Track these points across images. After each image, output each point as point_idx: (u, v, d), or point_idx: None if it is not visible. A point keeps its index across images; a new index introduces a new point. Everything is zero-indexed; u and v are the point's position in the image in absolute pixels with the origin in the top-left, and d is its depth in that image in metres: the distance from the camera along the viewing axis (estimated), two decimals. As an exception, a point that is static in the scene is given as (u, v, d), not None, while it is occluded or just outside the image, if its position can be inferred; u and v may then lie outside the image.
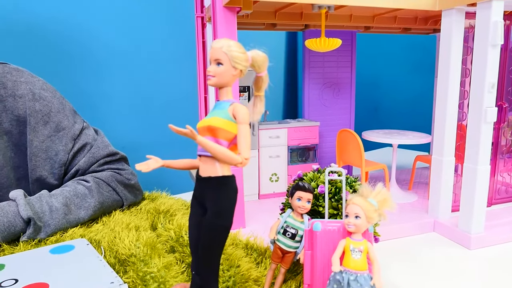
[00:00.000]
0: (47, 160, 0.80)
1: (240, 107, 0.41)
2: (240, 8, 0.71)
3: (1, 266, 0.56)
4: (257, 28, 0.99)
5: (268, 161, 0.95)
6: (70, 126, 0.81)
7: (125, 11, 1.21)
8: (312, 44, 0.80)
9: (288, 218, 0.54)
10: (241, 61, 0.42)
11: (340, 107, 1.10)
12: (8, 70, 0.78)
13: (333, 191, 0.57)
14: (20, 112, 0.78)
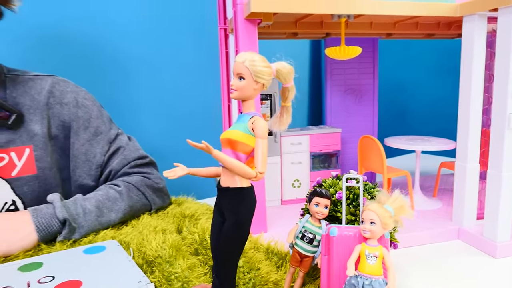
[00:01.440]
0: (86, 162, 0.87)
1: (259, 121, 0.43)
2: (260, 20, 0.74)
3: (40, 264, 0.61)
4: (278, 37, 1.01)
5: (290, 167, 0.97)
6: (106, 131, 0.89)
7: (151, 24, 1.27)
8: (332, 53, 0.81)
9: (306, 223, 0.55)
10: (263, 75, 0.43)
11: (363, 113, 1.10)
12: (56, 81, 0.87)
13: (351, 197, 0.58)
14: (65, 118, 0.86)
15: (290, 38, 1.02)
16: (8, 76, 0.82)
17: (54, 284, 0.54)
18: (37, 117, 0.82)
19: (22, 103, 0.82)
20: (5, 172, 0.80)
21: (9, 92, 0.81)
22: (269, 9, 0.68)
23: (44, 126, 0.83)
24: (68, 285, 0.54)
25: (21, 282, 0.55)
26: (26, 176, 0.82)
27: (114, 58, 1.23)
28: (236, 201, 0.44)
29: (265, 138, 0.43)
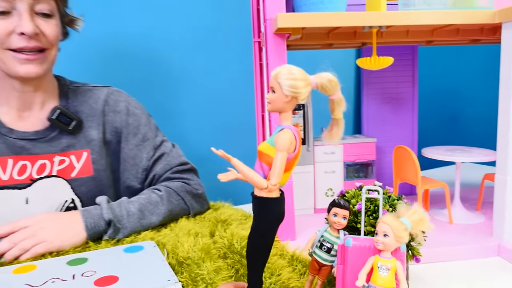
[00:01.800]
0: (133, 165, 0.95)
1: (282, 133, 0.43)
2: (289, 34, 0.76)
3: (85, 259, 0.68)
4: (313, 48, 1.03)
5: (323, 177, 0.97)
6: (153, 138, 0.97)
7: (199, 39, 1.36)
8: (363, 63, 0.81)
9: (325, 232, 0.57)
10: (291, 88, 0.43)
11: (401, 122, 1.08)
12: (111, 91, 0.96)
13: (371, 208, 0.59)
14: (117, 124, 0.95)
15: (325, 48, 1.03)
16: (70, 87, 0.93)
17: (95, 278, 0.61)
18: (94, 124, 0.92)
19: (81, 111, 0.92)
20: (65, 173, 0.90)
21: (70, 102, 0.91)
22: (295, 25, 0.70)
23: (99, 132, 0.93)
24: (106, 279, 0.60)
25: (68, 274, 0.62)
26: (83, 177, 0.92)
27: (164, 70, 1.34)
28: (258, 209, 0.46)
29: (284, 151, 0.43)
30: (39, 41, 0.79)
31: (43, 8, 0.79)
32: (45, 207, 0.89)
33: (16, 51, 0.78)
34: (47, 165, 0.88)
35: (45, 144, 0.87)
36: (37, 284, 0.59)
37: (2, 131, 0.84)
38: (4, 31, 0.76)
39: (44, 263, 0.68)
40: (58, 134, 0.89)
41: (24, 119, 0.87)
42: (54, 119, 0.86)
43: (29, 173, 0.86)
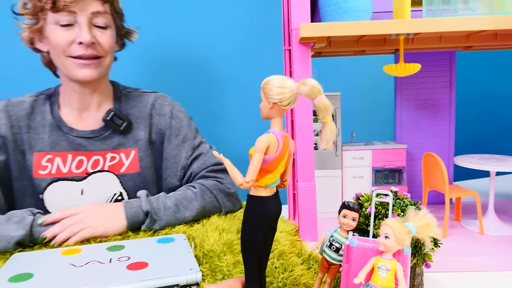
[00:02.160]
0: (174, 164, 1.04)
1: (261, 137, 0.47)
2: (314, 42, 0.79)
3: (122, 246, 0.76)
4: (346, 54, 1.05)
5: (351, 181, 0.99)
6: (192, 139, 1.05)
7: (243, 48, 1.46)
8: (390, 70, 0.82)
9: (335, 233, 0.59)
10: (271, 95, 0.46)
11: (437, 129, 1.05)
12: (158, 96, 1.06)
13: (382, 212, 0.60)
14: (162, 126, 1.04)
15: (358, 55, 1.05)
16: (123, 92, 1.05)
17: (128, 263, 0.68)
18: (142, 125, 1.03)
19: (131, 113, 1.03)
20: (116, 168, 1.01)
21: (123, 105, 1.03)
22: (317, 34, 0.74)
23: (146, 132, 1.03)
24: (137, 264, 0.68)
25: (106, 258, 0.70)
26: (131, 173, 1.02)
27: (206, 76, 1.45)
28: (246, 206, 0.50)
29: (258, 152, 0.46)
30: (95, 50, 0.91)
31: (100, 21, 0.91)
32: (97, 198, 1.00)
33: (76, 57, 0.90)
34: (101, 160, 1.00)
35: (99, 142, 0.99)
36: (79, 265, 0.68)
37: (64, 130, 0.97)
38: (67, 40, 0.89)
39: (88, 247, 0.77)
40: (111, 134, 1.00)
41: (82, 120, 1.00)
42: (108, 120, 0.98)
43: (85, 167, 0.99)
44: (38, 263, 0.70)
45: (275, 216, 0.52)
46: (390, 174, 0.99)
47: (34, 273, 0.65)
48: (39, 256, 0.73)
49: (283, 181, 0.54)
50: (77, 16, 0.88)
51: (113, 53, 0.98)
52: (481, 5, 0.73)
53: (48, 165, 0.97)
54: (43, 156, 0.97)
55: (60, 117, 0.98)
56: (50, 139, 0.97)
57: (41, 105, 0.99)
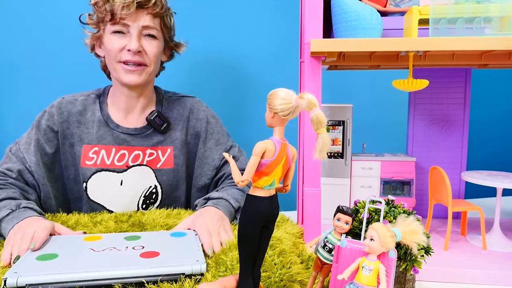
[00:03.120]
0: (206, 164, 1.16)
1: (259, 143, 0.52)
2: (325, 56, 0.84)
3: (139, 237, 0.83)
4: (361, 68, 1.09)
5: (359, 191, 1.02)
6: (224, 142, 1.17)
7: (276, 55, 1.55)
8: (399, 85, 0.85)
9: (329, 234, 0.64)
10: (273, 106, 0.51)
11: (449, 145, 1.07)
12: (195, 101, 1.19)
13: (376, 218, 0.64)
14: (198, 129, 1.16)
15: (373, 69, 1.08)
16: (164, 96, 1.18)
17: (141, 251, 0.75)
18: (179, 127, 1.15)
19: (171, 115, 1.15)
20: (153, 163, 1.13)
21: (164, 108, 1.16)
22: (326, 49, 0.78)
23: (183, 133, 1.15)
24: (150, 253, 0.74)
25: (122, 246, 0.78)
26: (166, 168, 1.14)
27: (237, 83, 1.57)
28: (244, 203, 0.56)
29: (254, 156, 0.51)
30: (141, 57, 1.04)
31: (149, 33, 1.04)
32: (134, 190, 1.13)
33: (124, 63, 1.03)
34: (140, 155, 1.12)
35: (141, 139, 1.12)
36: (98, 250, 0.76)
37: (111, 126, 1.10)
38: (118, 46, 1.02)
39: (107, 236, 0.85)
40: (151, 132, 1.12)
41: (128, 119, 1.12)
42: (152, 120, 1.11)
43: (126, 160, 1.11)
44: (62, 246, 0.78)
45: (270, 216, 0.56)
46: (399, 185, 1.01)
47: (58, 254, 0.74)
48: (63, 240, 0.82)
49: (285, 185, 0.59)
50: (129, 27, 1.01)
51: (158, 62, 1.10)
52: (488, 25, 0.76)
53: (94, 156, 1.09)
54: (90, 148, 1.09)
55: (108, 114, 1.11)
56: (97, 134, 1.09)
57: (91, 103, 1.12)
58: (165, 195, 1.16)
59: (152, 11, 1.02)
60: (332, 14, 0.85)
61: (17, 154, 1.04)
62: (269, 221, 0.57)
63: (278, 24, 1.55)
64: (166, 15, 1.07)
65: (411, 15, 0.79)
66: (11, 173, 1.00)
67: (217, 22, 1.54)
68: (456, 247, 0.87)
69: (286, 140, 0.55)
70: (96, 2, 1.00)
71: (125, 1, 0.97)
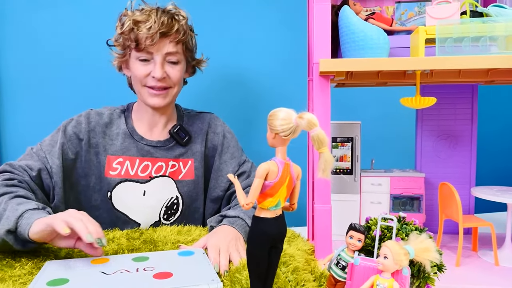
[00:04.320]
0: (220, 176, 1.20)
1: (261, 164, 0.52)
2: (333, 75, 0.86)
3: (147, 258, 0.81)
4: (369, 85, 1.10)
5: (369, 207, 1.02)
6: (238, 157, 1.22)
7: (286, 72, 1.58)
8: (406, 102, 0.87)
9: (342, 252, 0.64)
10: (273, 126, 0.51)
11: (458, 160, 1.07)
12: (213, 117, 1.25)
13: (388, 235, 0.65)
14: (214, 143, 1.22)
15: (380, 86, 1.10)
16: (184, 112, 1.24)
17: (154, 272, 0.74)
18: (199, 140, 1.20)
19: (191, 130, 1.20)
20: (175, 175, 1.18)
21: (184, 123, 1.21)
22: (335, 69, 0.80)
23: (202, 146, 1.20)
24: (163, 274, 0.73)
25: (132, 268, 0.76)
26: (187, 180, 1.19)
27: (256, 98, 1.61)
28: (251, 225, 0.56)
29: (257, 178, 0.52)
30: (165, 82, 1.10)
31: (172, 59, 1.10)
32: (157, 200, 1.16)
33: (149, 87, 1.10)
34: (163, 166, 1.16)
35: (164, 151, 1.16)
36: (109, 273, 0.73)
37: (136, 138, 1.16)
38: (144, 73, 1.08)
39: (114, 258, 0.82)
40: (174, 145, 1.17)
41: (152, 132, 1.18)
42: (174, 133, 1.16)
43: (150, 171, 1.15)
44: (71, 270, 0.75)
45: (277, 236, 0.56)
46: (408, 201, 1.01)
47: (69, 279, 0.71)
48: (71, 264, 0.79)
49: (291, 204, 0.59)
50: (153, 54, 1.07)
51: (181, 83, 1.17)
52: (494, 44, 0.77)
53: (118, 167, 1.14)
54: (114, 159, 1.14)
55: (133, 127, 1.17)
56: (122, 145, 1.14)
57: (117, 118, 1.17)
58: (185, 206, 1.19)
59: (174, 39, 1.07)
60: (340, 34, 0.88)
61: (39, 153, 1.06)
62: (277, 241, 0.57)
63: (287, 40, 1.59)
64: (189, 39, 1.13)
65: (417, 35, 0.81)
66: (31, 171, 1.01)
67: (224, 39, 1.57)
68: (468, 263, 0.87)
69: (289, 159, 0.55)
70: (122, 32, 1.07)
71: (149, 32, 1.02)
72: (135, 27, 1.04)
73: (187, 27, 1.11)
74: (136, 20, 1.04)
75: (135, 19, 1.04)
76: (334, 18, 0.91)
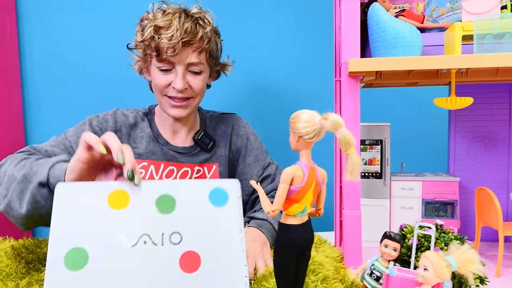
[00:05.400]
0: (244, 180, 1.15)
1: (286, 169, 0.51)
2: (363, 75, 0.83)
3: (173, 201, 0.59)
4: (398, 85, 1.06)
5: (400, 212, 0.98)
6: (263, 159, 1.18)
7: (306, 77, 1.54)
8: (441, 103, 0.83)
9: (376, 262, 0.61)
10: (295, 129, 0.50)
11: (494, 163, 1.02)
12: (236, 118, 1.21)
13: (425, 245, 0.61)
14: (238, 145, 1.18)
15: (410, 86, 1.06)
16: (207, 116, 1.20)
17: (180, 252, 0.56)
18: (223, 143, 1.17)
19: (215, 133, 1.17)
20: None
21: (207, 127, 1.18)
22: (366, 69, 0.77)
23: (226, 149, 1.16)
24: (190, 259, 0.56)
25: (157, 231, 0.57)
26: None
27: (272, 101, 1.59)
28: (277, 232, 0.54)
29: (283, 183, 0.50)
30: (187, 93, 1.05)
31: (195, 69, 1.04)
32: None
33: (169, 97, 1.05)
34: (189, 172, 1.13)
35: (189, 157, 1.13)
36: (131, 243, 0.56)
37: (161, 142, 1.13)
38: (165, 83, 1.03)
39: (136, 197, 0.58)
40: (199, 151, 1.14)
41: (176, 138, 1.15)
42: (199, 139, 1.13)
43: (175, 176, 1.12)
44: (87, 220, 0.57)
45: (305, 243, 0.54)
46: (442, 207, 0.97)
47: (87, 250, 0.55)
48: (86, 205, 0.58)
49: (317, 210, 0.57)
50: (175, 65, 1.01)
51: (204, 92, 1.11)
52: (537, 40, 0.72)
53: (143, 171, 1.10)
54: (139, 162, 1.09)
55: (159, 131, 1.13)
56: (147, 149, 1.11)
57: (141, 120, 1.13)
58: None
59: (198, 48, 1.00)
60: (370, 33, 0.84)
61: (64, 142, 1.01)
62: (305, 248, 0.55)
63: (307, 41, 1.57)
64: (213, 46, 1.06)
65: (453, 32, 0.76)
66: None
67: (242, 41, 1.56)
68: (509, 274, 0.82)
69: (314, 163, 0.53)
70: (143, 40, 1.01)
71: (170, 41, 0.96)
72: (156, 35, 0.97)
73: (211, 33, 1.03)
74: (158, 26, 0.97)
75: (156, 25, 0.97)
76: (362, 16, 0.88)
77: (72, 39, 1.53)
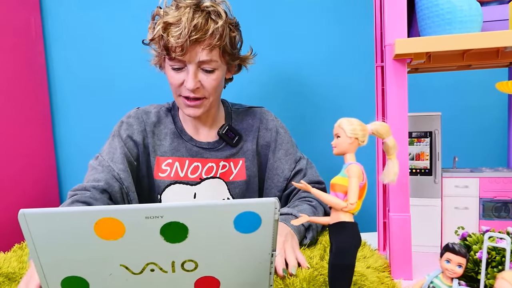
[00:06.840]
0: (275, 175, 1.11)
1: (352, 166, 0.53)
2: (411, 59, 0.72)
3: (185, 229, 0.49)
4: (449, 69, 0.94)
5: (453, 212, 0.87)
6: (294, 153, 1.13)
7: (333, 66, 1.46)
8: (503, 87, 0.71)
9: (435, 279, 0.52)
10: (352, 131, 0.55)
11: None
12: (263, 111, 1.16)
13: (497, 259, 0.51)
14: (267, 140, 1.13)
15: (463, 69, 0.93)
16: (232, 109, 1.15)
17: (195, 277, 0.53)
18: (250, 138, 1.12)
19: (241, 127, 1.12)
20: (225, 176, 1.11)
21: (233, 120, 1.13)
22: (414, 50, 0.66)
23: (253, 144, 1.12)
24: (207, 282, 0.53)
25: (166, 259, 0.51)
26: (238, 180, 1.11)
27: (301, 93, 1.52)
28: (337, 231, 0.53)
29: (355, 177, 0.52)
30: (199, 93, 1.00)
31: (207, 67, 0.98)
32: None
33: (184, 97, 1.01)
34: (214, 168, 1.09)
35: (214, 152, 1.10)
36: (136, 271, 0.50)
37: (185, 138, 1.09)
38: (178, 82, 0.99)
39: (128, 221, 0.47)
40: (224, 146, 1.10)
41: (199, 134, 1.11)
42: (223, 133, 1.09)
43: (200, 173, 1.09)
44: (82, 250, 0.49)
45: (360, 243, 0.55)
46: (503, 207, 0.84)
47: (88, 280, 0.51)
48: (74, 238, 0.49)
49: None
50: (186, 63, 0.97)
51: (219, 90, 1.05)
52: None
53: (168, 168, 1.08)
54: (164, 160, 1.08)
55: (182, 126, 1.10)
56: (171, 146, 1.08)
57: (164, 116, 1.11)
58: None
59: (208, 45, 0.95)
60: (418, 9, 0.73)
61: (102, 163, 1.01)
62: None
63: (336, 32, 1.47)
64: (227, 41, 0.99)
65: (522, 2, 0.64)
66: (98, 183, 0.96)
67: (271, 33, 1.47)
68: None
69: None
70: (153, 38, 0.98)
71: (178, 40, 0.91)
72: (165, 34, 0.93)
73: (224, 27, 0.96)
74: (167, 22, 0.93)
75: (166, 22, 0.93)
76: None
77: (96, 37, 1.49)
